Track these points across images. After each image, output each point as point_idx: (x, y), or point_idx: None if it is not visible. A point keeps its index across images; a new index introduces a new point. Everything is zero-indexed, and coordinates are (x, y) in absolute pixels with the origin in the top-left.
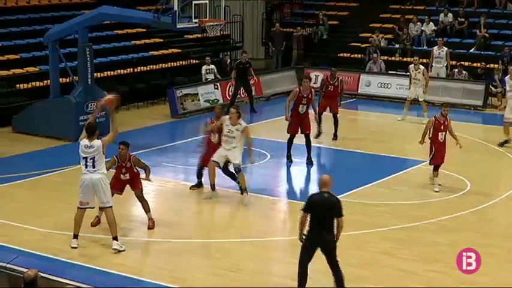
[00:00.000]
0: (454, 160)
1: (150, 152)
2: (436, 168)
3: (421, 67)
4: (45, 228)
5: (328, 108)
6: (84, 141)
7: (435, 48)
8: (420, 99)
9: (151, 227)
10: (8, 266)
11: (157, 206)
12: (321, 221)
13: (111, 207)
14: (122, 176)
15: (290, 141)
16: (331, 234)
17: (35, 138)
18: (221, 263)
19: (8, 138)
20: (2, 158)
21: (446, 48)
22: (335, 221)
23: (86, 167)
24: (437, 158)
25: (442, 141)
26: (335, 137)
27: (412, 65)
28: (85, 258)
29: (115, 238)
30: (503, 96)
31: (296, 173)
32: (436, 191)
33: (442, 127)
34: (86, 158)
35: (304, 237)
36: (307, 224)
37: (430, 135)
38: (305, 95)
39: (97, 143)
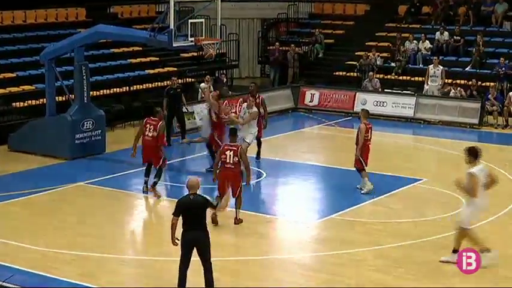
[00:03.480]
0: (449, 178)
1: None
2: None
3: (441, 67)
4: (41, 247)
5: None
6: None
7: (430, 66)
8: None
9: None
10: (4, 284)
11: (157, 226)
12: (191, 221)
13: None
14: None
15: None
16: (203, 231)
17: (31, 156)
18: (219, 283)
19: (4, 156)
20: None
21: (441, 67)
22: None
23: None
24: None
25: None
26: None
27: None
28: (82, 277)
29: None
30: (500, 114)
31: (292, 191)
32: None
33: (370, 130)
34: None
35: (177, 241)
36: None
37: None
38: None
39: None
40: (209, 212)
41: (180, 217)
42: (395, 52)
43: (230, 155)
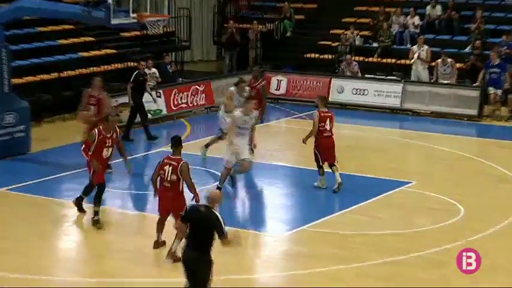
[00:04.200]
0: (444, 181)
1: (78, 174)
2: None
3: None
4: None
5: None
6: None
7: (414, 47)
8: None
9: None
10: None
11: (92, 239)
12: (194, 238)
13: None
14: None
15: None
16: (204, 255)
17: None
18: None
19: None
20: None
21: (427, 47)
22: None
23: None
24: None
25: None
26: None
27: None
28: None
29: None
30: (503, 104)
31: (257, 198)
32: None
33: (328, 120)
34: None
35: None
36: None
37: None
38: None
39: None
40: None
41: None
42: (377, 30)
43: (169, 172)
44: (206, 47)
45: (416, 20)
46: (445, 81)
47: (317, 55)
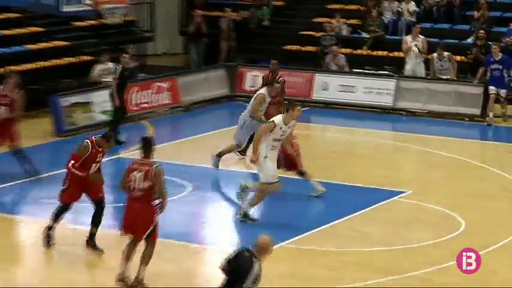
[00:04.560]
0: (443, 190)
1: (24, 184)
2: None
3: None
4: None
5: None
6: None
7: (408, 38)
8: None
9: None
10: None
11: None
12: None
13: None
14: None
15: None
16: None
17: None
18: None
19: None
20: None
21: (423, 37)
22: None
23: None
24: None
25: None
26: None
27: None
28: None
29: None
30: (510, 102)
31: (227, 210)
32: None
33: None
34: None
35: None
36: None
37: None
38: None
39: None
40: None
41: None
42: (367, 18)
43: (139, 178)
44: (171, 39)
45: (412, 6)
46: (444, 77)
47: (298, 47)
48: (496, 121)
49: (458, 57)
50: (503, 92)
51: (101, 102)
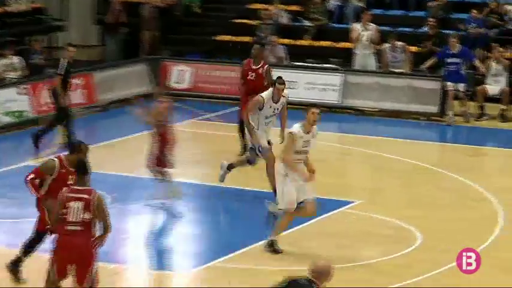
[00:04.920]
0: (397, 199)
1: None
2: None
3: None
4: None
5: None
6: None
7: (357, 25)
8: None
9: None
10: None
11: None
12: None
13: None
14: None
15: None
16: None
17: None
18: None
19: None
20: None
21: (374, 26)
22: None
23: None
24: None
25: None
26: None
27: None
28: None
29: None
30: (471, 98)
31: (150, 225)
32: None
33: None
34: None
35: None
36: None
37: None
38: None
39: None
40: None
41: None
42: (309, 4)
43: (78, 209)
44: (85, 29)
45: None
46: (398, 70)
47: (231, 37)
48: (456, 120)
49: (413, 48)
50: (462, 87)
51: (4, 102)
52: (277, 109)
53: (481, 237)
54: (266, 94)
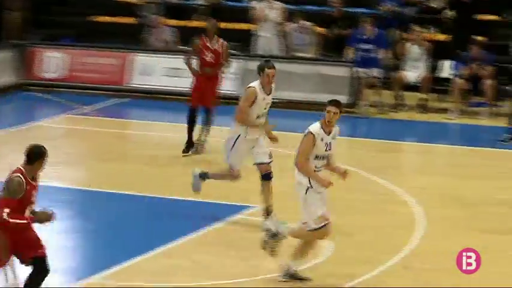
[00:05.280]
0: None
1: None
2: None
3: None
4: None
5: None
6: None
7: (262, 4)
8: None
9: None
10: None
11: None
12: None
13: None
14: None
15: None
16: None
17: None
18: None
19: None
20: None
21: (279, 3)
22: None
23: None
24: None
25: None
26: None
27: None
28: None
29: None
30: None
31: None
32: None
33: None
34: None
35: None
36: None
37: None
38: None
39: None
40: None
41: None
42: None
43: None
44: None
45: None
46: (302, 55)
47: (110, 18)
48: (371, 111)
49: (321, 29)
50: (375, 72)
51: None
52: (269, 104)
53: (398, 243)
54: (255, 84)
